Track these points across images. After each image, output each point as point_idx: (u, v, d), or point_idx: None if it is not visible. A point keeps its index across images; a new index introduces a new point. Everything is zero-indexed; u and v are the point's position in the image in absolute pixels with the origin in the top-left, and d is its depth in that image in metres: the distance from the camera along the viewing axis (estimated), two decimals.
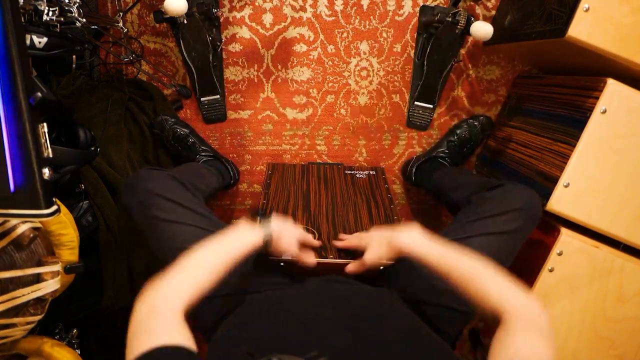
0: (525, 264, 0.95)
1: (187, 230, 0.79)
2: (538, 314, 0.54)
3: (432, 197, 1.36)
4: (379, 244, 0.80)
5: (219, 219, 0.88)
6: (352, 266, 0.84)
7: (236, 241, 0.71)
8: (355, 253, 0.88)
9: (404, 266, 0.84)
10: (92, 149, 0.87)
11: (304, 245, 0.84)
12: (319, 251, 0.88)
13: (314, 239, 0.90)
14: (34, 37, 0.78)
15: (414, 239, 0.74)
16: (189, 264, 0.63)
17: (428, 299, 0.78)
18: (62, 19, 0.86)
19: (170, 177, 0.84)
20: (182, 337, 0.50)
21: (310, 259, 0.83)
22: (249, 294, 0.77)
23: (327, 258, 0.87)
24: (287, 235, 0.79)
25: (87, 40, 0.95)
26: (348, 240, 0.88)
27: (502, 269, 0.78)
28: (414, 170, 1.27)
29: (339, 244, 0.90)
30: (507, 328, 0.53)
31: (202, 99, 1.26)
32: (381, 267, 0.87)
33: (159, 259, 0.80)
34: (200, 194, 0.90)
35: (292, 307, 0.68)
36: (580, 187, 0.87)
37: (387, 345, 0.57)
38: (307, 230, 0.95)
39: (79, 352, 0.95)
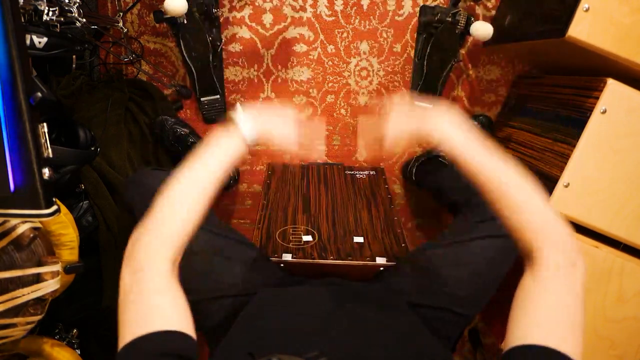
0: None
1: None
2: (575, 265, 0.47)
3: (432, 197, 1.36)
4: (406, 119, 0.62)
5: (219, 219, 0.88)
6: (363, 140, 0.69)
7: (212, 154, 0.59)
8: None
9: (403, 269, 0.84)
10: (92, 149, 0.87)
11: (306, 128, 0.67)
12: (319, 252, 0.88)
13: (314, 239, 0.90)
14: (34, 37, 0.78)
15: (452, 130, 0.59)
16: (168, 203, 0.56)
17: (427, 302, 0.77)
18: (62, 19, 0.86)
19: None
20: (172, 307, 0.49)
21: (321, 146, 0.68)
22: (249, 295, 0.77)
23: (327, 259, 0.87)
24: (276, 121, 0.64)
25: (87, 40, 0.95)
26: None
27: (504, 272, 0.79)
28: (414, 170, 1.27)
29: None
30: (537, 277, 0.48)
31: (202, 99, 1.26)
32: (381, 269, 0.87)
33: None
34: None
35: (293, 308, 0.68)
36: (580, 187, 0.87)
37: (386, 347, 0.57)
38: (308, 231, 0.95)
39: (79, 352, 0.95)
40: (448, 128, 0.59)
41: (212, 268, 0.77)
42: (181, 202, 0.56)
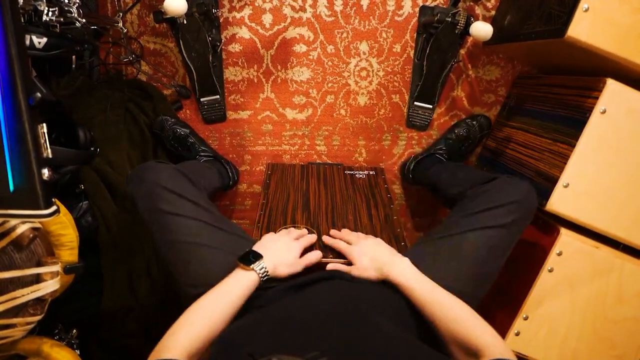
0: (525, 264, 0.95)
1: (191, 224, 0.79)
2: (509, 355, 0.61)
3: (431, 195, 1.36)
4: (367, 265, 0.81)
5: (222, 215, 0.88)
6: (332, 267, 0.85)
7: (232, 289, 0.73)
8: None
9: None
10: (92, 149, 0.87)
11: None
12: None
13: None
14: (34, 37, 0.78)
15: (404, 272, 0.76)
16: (192, 316, 0.67)
17: None
18: (61, 19, 0.86)
19: (176, 170, 0.84)
20: None
21: (316, 256, 0.85)
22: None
23: (326, 257, 0.87)
24: (285, 259, 0.80)
25: (87, 41, 0.95)
26: (337, 244, 0.88)
27: (499, 264, 0.80)
28: (411, 168, 1.27)
29: (327, 240, 0.90)
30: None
31: (201, 99, 1.26)
32: None
33: (160, 250, 0.80)
34: (204, 190, 0.91)
35: (293, 306, 0.68)
36: (580, 187, 0.87)
37: (386, 347, 0.57)
38: (307, 230, 0.95)
39: (79, 353, 0.95)
40: (403, 276, 0.75)
41: (214, 261, 0.77)
42: (201, 317, 0.67)
